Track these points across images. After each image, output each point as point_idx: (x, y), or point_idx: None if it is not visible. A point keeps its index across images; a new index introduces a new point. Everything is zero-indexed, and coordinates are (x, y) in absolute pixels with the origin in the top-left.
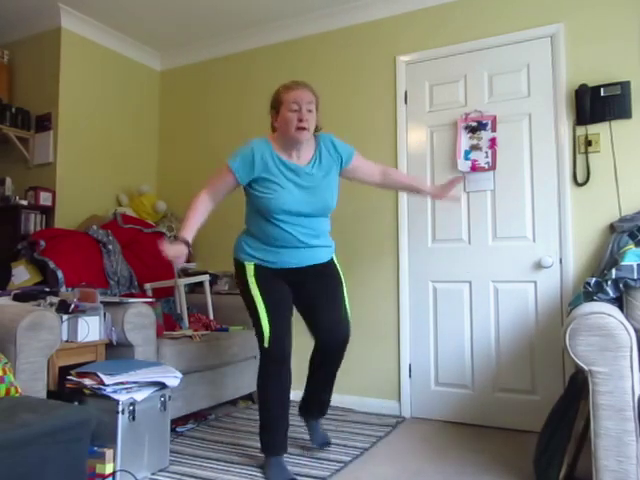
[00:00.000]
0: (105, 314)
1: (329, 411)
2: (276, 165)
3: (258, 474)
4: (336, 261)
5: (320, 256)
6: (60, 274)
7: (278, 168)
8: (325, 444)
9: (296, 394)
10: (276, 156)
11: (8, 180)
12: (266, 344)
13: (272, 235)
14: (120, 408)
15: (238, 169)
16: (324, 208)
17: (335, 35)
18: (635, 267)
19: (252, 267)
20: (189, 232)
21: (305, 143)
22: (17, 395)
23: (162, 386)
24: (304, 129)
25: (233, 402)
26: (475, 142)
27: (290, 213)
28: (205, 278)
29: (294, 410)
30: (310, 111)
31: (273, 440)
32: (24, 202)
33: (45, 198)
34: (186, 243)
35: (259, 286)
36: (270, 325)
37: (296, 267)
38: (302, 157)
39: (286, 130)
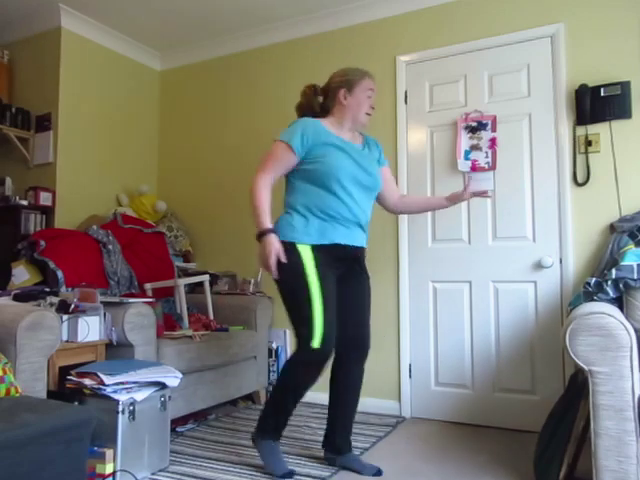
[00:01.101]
0: (105, 314)
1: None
2: (330, 135)
3: (258, 474)
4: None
5: (362, 239)
6: (60, 274)
7: (333, 137)
8: (379, 472)
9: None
10: (328, 130)
11: (8, 180)
12: (317, 344)
13: (328, 205)
14: (120, 408)
15: (296, 145)
16: (375, 185)
17: (335, 35)
18: (635, 267)
19: (309, 250)
20: (269, 221)
21: (357, 131)
22: (17, 395)
23: (162, 386)
24: (370, 116)
25: (233, 402)
26: (475, 142)
27: (347, 179)
28: (205, 278)
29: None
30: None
31: (281, 426)
32: (24, 202)
33: (45, 198)
34: (273, 231)
35: (319, 273)
36: (324, 323)
37: (347, 245)
38: (355, 140)
39: (357, 111)
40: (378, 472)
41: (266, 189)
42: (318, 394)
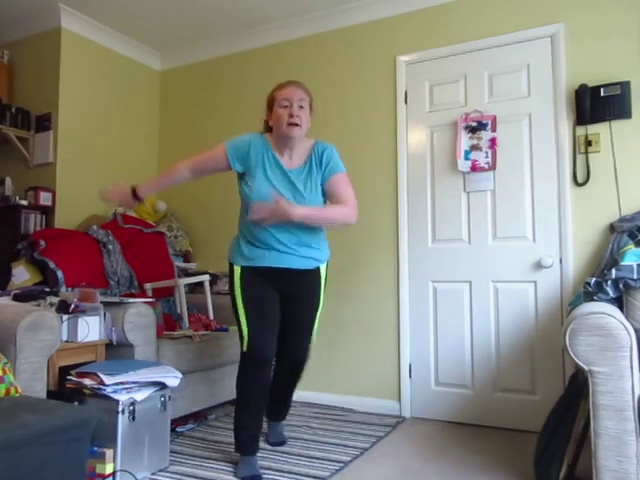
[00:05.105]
0: (105, 314)
1: (329, 411)
2: (269, 162)
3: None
4: (323, 273)
5: (302, 262)
6: (60, 274)
7: (270, 165)
8: (280, 443)
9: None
10: (271, 154)
11: (8, 180)
12: (245, 348)
13: (254, 234)
14: (120, 408)
15: (231, 150)
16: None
17: (335, 35)
18: (635, 267)
19: (239, 269)
20: (145, 184)
21: (298, 144)
22: (17, 395)
23: (162, 386)
24: (295, 125)
25: (233, 402)
26: (475, 142)
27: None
28: (205, 278)
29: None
30: (301, 107)
31: (245, 440)
32: (24, 202)
33: (45, 198)
34: (133, 189)
35: (243, 289)
36: (249, 329)
37: (277, 267)
38: (294, 160)
39: (278, 127)
40: (280, 442)
41: (175, 168)
42: (319, 394)
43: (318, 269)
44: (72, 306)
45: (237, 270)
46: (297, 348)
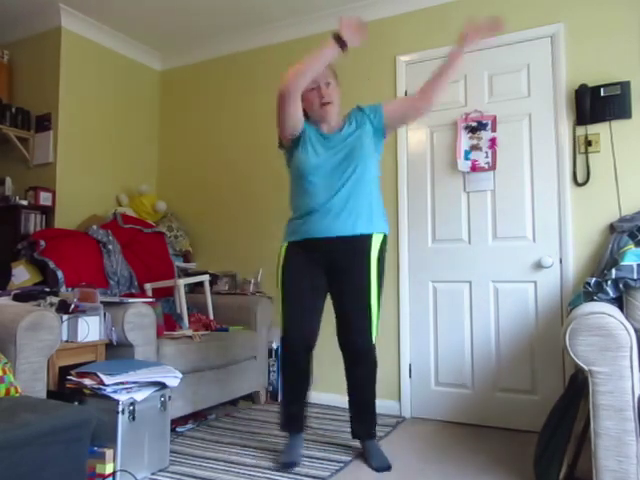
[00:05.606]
0: (105, 314)
1: (329, 411)
2: (311, 130)
3: (258, 474)
4: (376, 246)
5: (347, 228)
6: (60, 274)
7: (313, 133)
8: (383, 468)
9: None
10: (314, 130)
11: (8, 180)
12: (282, 332)
13: (304, 198)
14: (120, 408)
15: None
16: (356, 172)
17: None
18: (635, 267)
19: (284, 248)
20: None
21: (334, 118)
22: (17, 395)
23: (162, 386)
24: (328, 103)
25: (233, 402)
26: (475, 142)
27: (318, 173)
28: (205, 278)
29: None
30: (328, 84)
31: (285, 418)
32: (24, 202)
33: (45, 198)
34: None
35: (285, 271)
36: (286, 314)
37: (321, 238)
38: (333, 128)
39: (313, 110)
40: (384, 467)
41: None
42: (319, 394)
43: (368, 239)
44: (72, 306)
45: (283, 247)
46: (353, 332)
